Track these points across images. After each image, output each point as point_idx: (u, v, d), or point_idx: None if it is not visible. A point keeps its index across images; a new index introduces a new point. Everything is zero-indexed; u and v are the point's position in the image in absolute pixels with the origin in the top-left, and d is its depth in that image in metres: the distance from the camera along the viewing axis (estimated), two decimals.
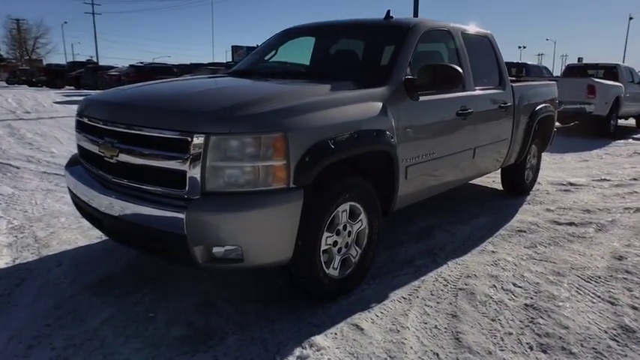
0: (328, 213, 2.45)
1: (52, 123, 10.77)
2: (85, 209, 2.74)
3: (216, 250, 2.18)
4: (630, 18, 59.16)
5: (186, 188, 2.18)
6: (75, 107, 3.30)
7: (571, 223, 4.23)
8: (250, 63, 3.89)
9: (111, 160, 2.45)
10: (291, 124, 2.23)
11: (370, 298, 2.73)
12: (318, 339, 2.28)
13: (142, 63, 22.64)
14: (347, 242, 2.68)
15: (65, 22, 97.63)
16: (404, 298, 2.74)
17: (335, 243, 2.59)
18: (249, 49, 53.38)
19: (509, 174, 5.03)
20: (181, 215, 2.12)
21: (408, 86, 2.97)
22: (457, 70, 2.93)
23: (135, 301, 2.62)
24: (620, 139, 10.44)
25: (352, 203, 2.62)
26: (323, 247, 2.48)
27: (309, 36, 3.95)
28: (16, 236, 3.56)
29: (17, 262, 3.12)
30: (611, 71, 11.95)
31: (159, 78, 7.31)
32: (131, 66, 20.89)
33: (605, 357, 2.22)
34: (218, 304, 2.62)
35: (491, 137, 4.08)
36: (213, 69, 15.02)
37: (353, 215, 2.68)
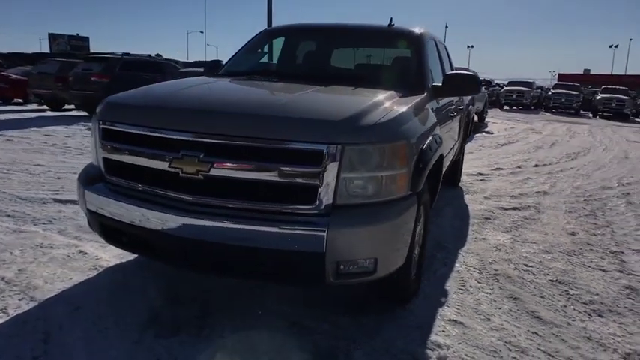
0: (419, 217, 2.52)
1: None
2: (141, 237, 2.31)
3: (349, 264, 2.09)
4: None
5: (317, 203, 2.04)
6: None
7: (515, 208, 4.98)
8: (255, 65, 3.64)
9: (196, 177, 2.12)
10: (408, 131, 2.25)
11: (434, 294, 2.88)
12: (437, 338, 2.36)
13: None
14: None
15: None
16: (461, 290, 2.96)
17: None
18: (71, 37, 47.27)
19: (453, 167, 5.64)
20: (322, 232, 1.98)
21: (436, 91, 3.19)
22: (477, 78, 3.24)
23: (224, 338, 2.31)
24: (477, 133, 12.34)
25: (424, 204, 2.73)
26: None
27: (310, 38, 3.84)
28: None
29: (14, 313, 2.44)
30: None
31: None
32: None
33: (631, 310, 2.77)
34: (307, 322, 2.48)
35: (457, 133, 4.57)
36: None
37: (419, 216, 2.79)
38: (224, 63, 3.74)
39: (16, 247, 3.30)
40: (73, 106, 14.68)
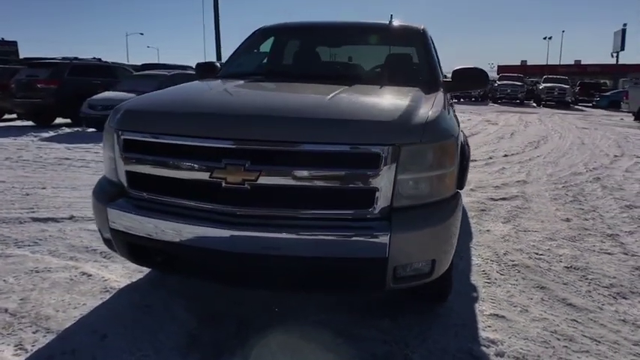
0: None
1: None
2: (179, 256, 2.14)
3: (408, 268, 2.03)
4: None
5: (374, 207, 1.96)
6: None
7: (503, 198, 5.12)
8: (263, 65, 3.48)
9: (241, 186, 1.98)
10: (452, 129, 2.22)
11: (464, 290, 2.88)
12: (487, 335, 2.35)
13: None
14: None
15: None
16: (488, 283, 2.99)
17: None
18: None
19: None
20: (384, 237, 1.91)
21: (447, 87, 3.19)
22: (485, 73, 3.27)
23: (275, 354, 2.19)
24: None
25: None
26: None
27: (314, 37, 3.71)
28: None
29: (33, 348, 2.19)
30: None
31: None
32: None
33: (631, 291, 2.91)
34: (353, 330, 2.39)
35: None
36: None
37: None
38: (223, 65, 3.56)
39: (7, 273, 2.99)
40: (14, 116, 13.68)
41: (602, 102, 28.07)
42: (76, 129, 11.06)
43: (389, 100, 2.46)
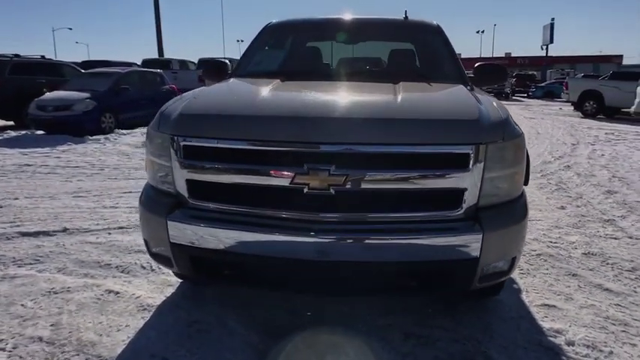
0: None
1: None
2: (255, 268, 2.02)
3: (492, 266, 2.04)
4: None
5: (462, 207, 1.95)
6: None
7: None
8: (289, 62, 3.33)
9: (326, 192, 1.89)
10: (518, 126, 2.25)
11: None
12: (549, 324, 2.42)
13: None
14: None
15: None
16: (522, 274, 3.07)
17: None
18: None
19: None
20: (477, 237, 1.90)
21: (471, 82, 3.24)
22: (504, 68, 3.35)
23: None
24: None
25: None
26: None
27: (334, 33, 3.59)
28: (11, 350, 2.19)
29: None
30: None
31: None
32: None
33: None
34: (418, 331, 2.37)
35: None
36: None
37: None
38: (239, 62, 3.38)
39: (22, 297, 2.70)
40: None
41: (538, 92, 29.93)
42: (23, 132, 10.19)
43: (454, 98, 2.45)
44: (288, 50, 3.55)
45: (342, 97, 2.38)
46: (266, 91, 2.34)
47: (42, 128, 10.20)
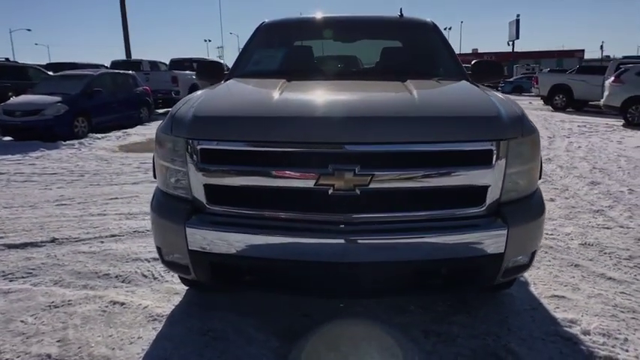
0: None
1: None
2: (278, 273, 1.97)
3: (513, 261, 2.06)
4: None
5: (485, 203, 1.96)
6: None
7: None
8: (291, 61, 3.27)
9: (352, 192, 1.86)
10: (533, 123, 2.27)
11: None
12: (562, 315, 2.46)
13: None
14: None
15: None
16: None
17: None
18: None
19: None
20: (502, 233, 1.91)
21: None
22: (501, 65, 3.40)
23: None
24: None
25: None
26: None
27: (333, 31, 3.54)
28: None
29: None
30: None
31: None
32: None
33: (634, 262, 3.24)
34: (436, 329, 2.37)
35: None
36: None
37: None
38: (234, 63, 3.31)
39: (20, 312, 2.56)
40: None
41: (507, 87, 30.66)
42: None
43: (467, 94, 2.46)
44: (286, 49, 3.49)
45: (360, 96, 2.35)
46: (279, 91, 2.29)
47: (9, 134, 9.78)
